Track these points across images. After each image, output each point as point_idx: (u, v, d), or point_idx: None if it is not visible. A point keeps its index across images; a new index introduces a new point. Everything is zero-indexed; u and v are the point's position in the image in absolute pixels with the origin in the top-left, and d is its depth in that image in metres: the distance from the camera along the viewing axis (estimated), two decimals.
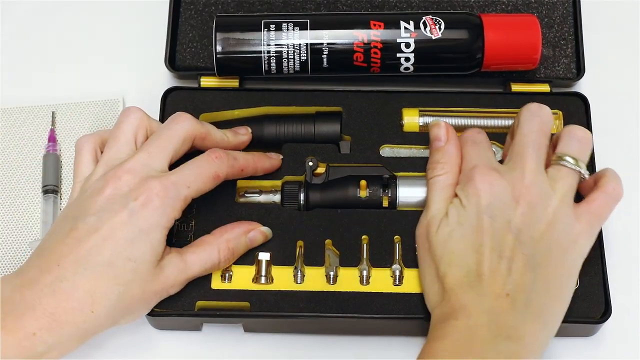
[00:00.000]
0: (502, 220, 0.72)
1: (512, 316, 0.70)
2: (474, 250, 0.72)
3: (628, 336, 0.81)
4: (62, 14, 0.95)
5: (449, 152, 0.78)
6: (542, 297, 0.71)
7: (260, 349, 0.80)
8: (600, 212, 0.74)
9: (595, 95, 0.86)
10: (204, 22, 0.90)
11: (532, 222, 0.72)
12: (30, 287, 0.69)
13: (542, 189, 0.73)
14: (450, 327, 0.70)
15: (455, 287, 0.72)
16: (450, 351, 0.69)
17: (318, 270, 0.79)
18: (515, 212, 0.72)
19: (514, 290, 0.70)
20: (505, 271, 0.71)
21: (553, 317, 0.72)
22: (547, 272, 0.72)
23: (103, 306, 0.71)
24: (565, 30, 0.90)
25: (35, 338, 0.68)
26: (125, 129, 0.76)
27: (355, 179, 0.81)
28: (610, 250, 0.81)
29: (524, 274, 0.71)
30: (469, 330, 0.69)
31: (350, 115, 0.85)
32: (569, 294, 0.73)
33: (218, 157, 0.76)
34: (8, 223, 0.85)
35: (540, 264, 0.72)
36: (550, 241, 0.72)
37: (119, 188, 0.72)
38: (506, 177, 0.73)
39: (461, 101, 0.86)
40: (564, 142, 0.75)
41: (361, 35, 0.83)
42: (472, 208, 0.73)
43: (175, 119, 0.77)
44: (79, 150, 0.78)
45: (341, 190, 0.81)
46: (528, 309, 0.70)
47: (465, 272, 0.72)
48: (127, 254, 0.71)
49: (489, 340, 0.69)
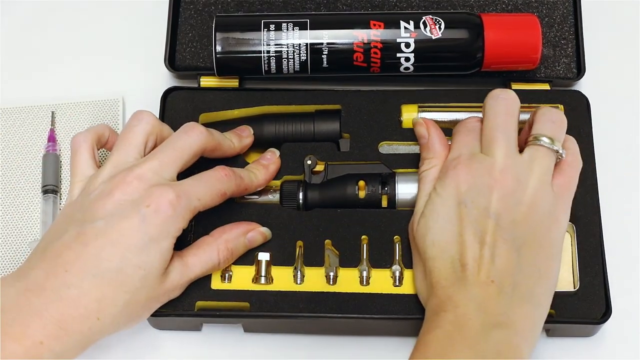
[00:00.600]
0: (480, 207, 0.72)
1: (500, 302, 0.70)
2: (455, 241, 0.72)
3: (628, 337, 0.81)
4: (62, 13, 0.95)
5: (433, 148, 0.78)
6: (529, 279, 0.71)
7: (260, 349, 0.80)
8: (571, 184, 0.75)
9: (595, 95, 0.86)
10: (204, 22, 0.90)
11: (511, 205, 0.72)
12: (36, 292, 0.69)
13: (517, 171, 0.73)
14: (439, 319, 0.70)
15: (441, 280, 0.72)
16: (441, 342, 0.69)
17: (318, 271, 0.79)
18: (492, 198, 0.72)
19: (499, 276, 0.70)
20: (488, 258, 0.71)
21: (542, 298, 0.72)
22: (531, 253, 0.72)
23: (109, 313, 0.70)
24: (565, 29, 0.90)
25: (43, 347, 0.68)
26: (137, 132, 0.76)
27: (353, 178, 0.81)
28: (610, 250, 0.80)
29: (508, 258, 0.71)
30: (458, 321, 0.69)
31: (349, 113, 0.85)
32: (555, 273, 0.73)
33: (227, 175, 0.76)
34: (7, 223, 0.85)
35: (523, 246, 0.71)
36: (532, 222, 0.72)
37: (129, 194, 0.72)
38: (481, 164, 0.73)
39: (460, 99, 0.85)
40: (538, 123, 0.75)
41: (361, 35, 0.83)
42: (449, 199, 0.73)
43: (188, 131, 0.76)
44: (77, 149, 0.77)
45: (340, 190, 0.81)
46: (516, 293, 0.70)
47: (449, 263, 0.72)
48: (136, 261, 0.70)
49: (479, 328, 0.68)
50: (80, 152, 0.77)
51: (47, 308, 0.68)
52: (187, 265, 0.75)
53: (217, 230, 0.78)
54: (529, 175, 0.73)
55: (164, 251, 0.72)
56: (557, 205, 0.73)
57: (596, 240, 0.80)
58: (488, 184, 0.72)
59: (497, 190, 0.72)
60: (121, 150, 0.75)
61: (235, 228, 0.78)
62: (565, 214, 0.74)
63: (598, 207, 0.81)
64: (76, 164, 0.77)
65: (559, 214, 0.74)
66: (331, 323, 0.78)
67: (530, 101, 0.83)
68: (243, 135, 0.82)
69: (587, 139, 0.83)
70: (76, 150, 0.77)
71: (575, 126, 0.82)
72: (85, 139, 0.77)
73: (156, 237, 0.71)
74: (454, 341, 0.68)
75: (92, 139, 0.77)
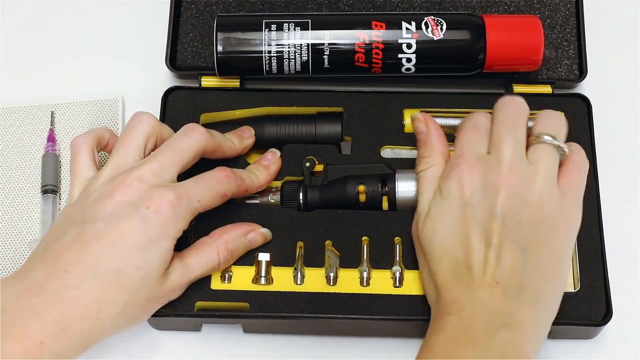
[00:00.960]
0: (486, 208, 0.71)
1: (506, 304, 0.69)
2: (460, 243, 0.72)
3: (629, 339, 0.80)
4: (62, 13, 0.95)
5: (431, 145, 0.77)
6: (536, 280, 0.70)
7: (260, 349, 0.80)
8: (578, 182, 0.74)
9: (597, 96, 0.86)
10: (205, 22, 0.90)
11: (517, 206, 0.71)
12: (36, 292, 0.69)
13: (523, 171, 0.72)
14: (445, 322, 0.70)
15: (445, 283, 0.72)
16: (446, 344, 0.68)
17: (318, 271, 0.79)
18: (498, 198, 0.71)
19: (505, 278, 0.70)
20: (494, 260, 0.70)
21: (550, 298, 0.72)
22: (538, 254, 0.71)
23: (109, 314, 0.70)
24: (567, 31, 0.90)
25: (43, 347, 0.67)
26: (137, 134, 0.76)
27: (354, 180, 0.80)
28: (612, 252, 0.80)
29: (514, 259, 0.70)
30: (463, 323, 0.69)
31: (351, 116, 0.85)
32: (563, 274, 0.73)
33: (228, 176, 0.76)
34: (7, 223, 0.85)
35: (529, 246, 0.71)
36: (538, 222, 0.71)
37: (129, 195, 0.72)
38: (487, 165, 0.73)
39: (463, 102, 0.85)
40: (539, 124, 0.75)
41: (362, 36, 0.83)
42: (454, 200, 0.73)
43: (188, 132, 0.76)
44: (77, 151, 0.77)
45: (340, 192, 0.80)
46: (522, 294, 0.70)
47: (454, 265, 0.72)
48: (136, 262, 0.70)
49: (484, 330, 0.68)
50: (80, 154, 0.77)
51: (48, 308, 0.68)
52: (187, 266, 0.75)
53: (217, 231, 0.78)
54: (535, 175, 0.72)
55: (164, 252, 0.71)
56: (565, 205, 0.72)
57: (597, 241, 0.80)
58: (494, 183, 0.72)
59: (503, 190, 0.71)
60: (121, 152, 0.75)
61: (235, 229, 0.78)
62: (574, 214, 0.73)
63: (599, 208, 0.81)
64: (76, 165, 0.77)
65: (567, 214, 0.73)
66: (331, 324, 0.78)
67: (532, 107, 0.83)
68: (244, 136, 0.82)
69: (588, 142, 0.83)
70: (76, 152, 0.77)
71: (576, 129, 0.82)
72: (85, 141, 0.77)
73: (156, 239, 0.71)
74: (459, 343, 0.68)
75: (92, 141, 0.78)
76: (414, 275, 0.78)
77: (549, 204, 0.72)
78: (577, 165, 0.74)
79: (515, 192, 0.71)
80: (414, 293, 0.77)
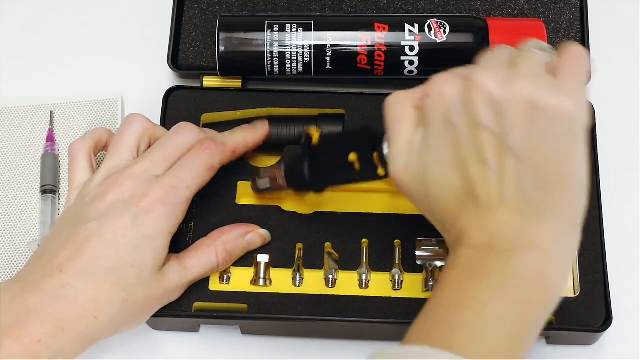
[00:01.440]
0: (469, 121, 0.63)
1: (515, 224, 0.63)
2: (454, 168, 0.65)
3: (629, 345, 0.80)
4: (62, 13, 0.95)
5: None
6: (542, 188, 0.63)
7: (258, 351, 0.80)
8: (577, 68, 0.65)
9: (600, 100, 0.86)
10: (208, 22, 0.90)
11: (501, 108, 0.62)
12: (33, 292, 0.69)
13: (501, 75, 0.63)
14: (456, 256, 0.64)
15: (450, 217, 0.66)
16: (458, 278, 0.64)
17: (317, 274, 0.79)
18: (478, 106, 0.63)
19: (508, 194, 0.63)
20: (493, 176, 0.63)
21: (566, 209, 0.64)
22: (539, 159, 0.63)
23: (106, 313, 0.70)
24: (572, 35, 0.90)
25: (40, 345, 0.68)
26: (129, 135, 0.76)
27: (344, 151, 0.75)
28: (612, 257, 0.80)
29: (513, 168, 0.63)
30: (474, 253, 0.64)
31: (353, 118, 0.85)
32: (579, 180, 0.64)
33: (207, 147, 0.75)
34: (6, 223, 0.85)
35: (526, 148, 0.62)
36: (530, 117, 0.62)
37: (121, 194, 0.72)
38: (455, 76, 0.65)
39: None
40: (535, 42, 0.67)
41: (365, 38, 0.83)
42: (435, 123, 0.65)
43: (180, 130, 0.77)
44: (74, 157, 0.78)
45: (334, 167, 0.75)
46: (530, 208, 0.63)
47: (455, 197, 0.65)
48: (129, 259, 0.71)
49: (496, 256, 0.63)
50: (78, 159, 0.77)
51: (44, 307, 0.68)
52: (186, 267, 0.75)
53: (215, 232, 0.78)
54: (516, 74, 0.63)
55: (157, 249, 0.72)
56: (560, 92, 0.62)
57: (597, 246, 0.79)
58: (470, 91, 0.64)
59: (480, 95, 0.63)
60: (114, 154, 0.76)
61: (234, 230, 0.78)
62: (574, 103, 0.62)
63: (600, 212, 0.80)
64: (73, 171, 0.77)
65: (564, 102, 0.62)
66: (330, 326, 0.78)
67: None
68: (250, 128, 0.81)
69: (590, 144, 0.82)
70: (73, 157, 0.78)
71: None
72: (82, 146, 0.78)
73: (149, 236, 0.71)
74: (472, 275, 0.63)
75: (89, 146, 0.78)
76: (414, 278, 0.78)
77: (538, 94, 0.62)
78: (575, 54, 0.65)
79: (496, 95, 0.62)
80: (413, 296, 0.77)
